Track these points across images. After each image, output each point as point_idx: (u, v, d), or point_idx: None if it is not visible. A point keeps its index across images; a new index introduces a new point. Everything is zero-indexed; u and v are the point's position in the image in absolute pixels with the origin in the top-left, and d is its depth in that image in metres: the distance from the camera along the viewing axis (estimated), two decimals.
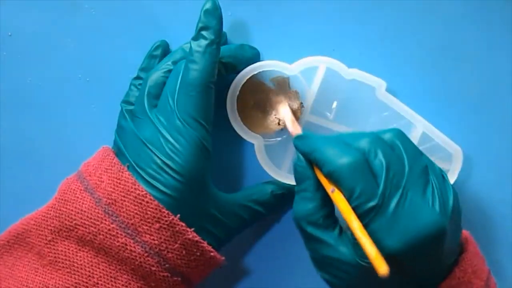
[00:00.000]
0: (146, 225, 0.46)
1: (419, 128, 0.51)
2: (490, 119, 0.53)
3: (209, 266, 0.48)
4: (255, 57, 0.53)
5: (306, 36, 0.54)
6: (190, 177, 0.47)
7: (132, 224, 0.46)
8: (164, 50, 0.54)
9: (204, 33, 0.49)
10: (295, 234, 0.47)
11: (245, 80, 0.51)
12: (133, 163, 0.48)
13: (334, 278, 0.44)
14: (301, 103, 0.52)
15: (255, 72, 0.51)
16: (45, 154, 0.56)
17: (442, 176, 0.44)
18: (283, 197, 0.52)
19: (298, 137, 0.47)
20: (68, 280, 0.47)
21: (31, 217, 0.49)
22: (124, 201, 0.46)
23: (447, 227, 0.41)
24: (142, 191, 0.46)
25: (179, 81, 0.48)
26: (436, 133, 0.51)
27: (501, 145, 0.53)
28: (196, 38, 0.49)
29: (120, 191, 0.47)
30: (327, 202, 0.44)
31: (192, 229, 0.47)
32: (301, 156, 0.46)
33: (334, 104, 0.53)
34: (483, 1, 0.53)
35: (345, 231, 0.44)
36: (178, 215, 0.46)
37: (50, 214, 0.48)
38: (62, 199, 0.48)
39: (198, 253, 0.47)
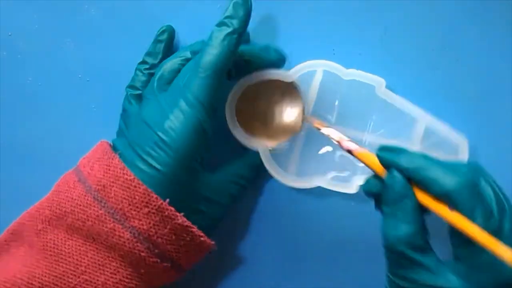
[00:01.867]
0: (135, 210, 0.46)
1: (422, 123, 0.51)
2: (492, 110, 0.53)
3: (199, 251, 0.48)
4: (280, 62, 0.52)
5: (305, 38, 0.54)
6: (183, 155, 0.46)
7: (120, 209, 0.46)
8: (170, 35, 0.54)
9: (227, 21, 0.48)
10: (288, 224, 0.47)
11: (242, 89, 0.51)
12: (130, 140, 0.48)
13: None
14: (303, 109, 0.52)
15: (252, 82, 0.51)
16: (45, 154, 0.56)
17: None
18: (261, 167, 0.53)
19: (385, 149, 0.43)
20: (55, 268, 0.46)
21: (27, 211, 0.50)
22: (113, 186, 0.46)
23: None
24: (130, 176, 0.46)
25: (192, 63, 0.48)
26: (440, 126, 0.51)
27: (507, 136, 0.53)
28: (219, 24, 0.48)
29: (109, 177, 0.46)
30: (425, 225, 0.42)
31: (182, 213, 0.46)
32: (397, 173, 0.42)
33: (335, 107, 0.53)
34: (483, 1, 0.53)
35: (454, 258, 0.42)
36: (167, 200, 0.46)
37: (43, 205, 0.48)
38: (55, 190, 0.49)
39: (188, 238, 0.47)
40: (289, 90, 0.52)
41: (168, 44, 0.54)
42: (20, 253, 0.49)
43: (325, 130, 0.49)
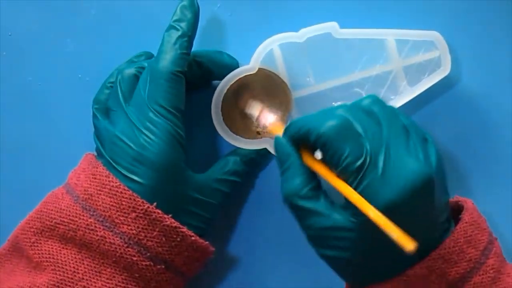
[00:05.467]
0: (123, 216, 0.46)
1: (390, 38, 0.51)
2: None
3: (193, 250, 0.48)
4: (233, 66, 0.53)
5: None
6: (165, 165, 0.47)
7: (109, 216, 0.46)
8: (147, 58, 0.54)
9: (176, 24, 0.49)
10: (287, 223, 0.48)
11: (223, 95, 0.51)
12: (109, 159, 0.48)
13: (335, 250, 0.44)
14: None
15: (227, 87, 0.51)
16: (45, 154, 0.56)
17: (425, 138, 0.45)
18: (254, 161, 0.53)
19: (285, 129, 0.47)
20: (53, 277, 0.47)
21: (20, 223, 0.50)
22: (100, 194, 0.47)
23: (433, 176, 0.42)
24: (116, 183, 0.47)
25: (149, 71, 0.49)
26: (407, 32, 0.51)
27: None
28: (168, 29, 0.50)
29: (96, 185, 0.47)
30: (313, 175, 0.45)
31: (170, 215, 0.47)
32: (279, 138, 0.46)
33: (308, 69, 0.52)
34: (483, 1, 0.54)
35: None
36: (155, 203, 0.47)
37: (33, 217, 0.49)
38: (44, 202, 0.49)
39: (179, 239, 0.47)
40: (267, 83, 0.52)
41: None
42: (22, 265, 0.49)
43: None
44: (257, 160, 0.53)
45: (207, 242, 0.49)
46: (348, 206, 0.43)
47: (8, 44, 0.56)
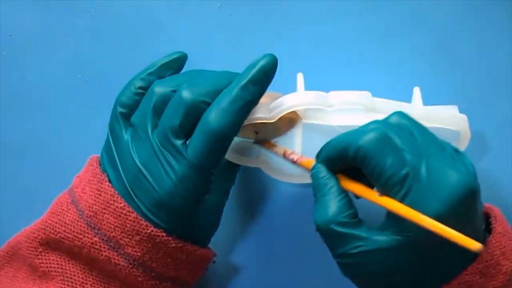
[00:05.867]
0: (127, 238, 0.46)
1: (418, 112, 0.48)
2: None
3: (197, 262, 0.48)
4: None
5: (305, 37, 0.54)
6: (187, 215, 0.46)
7: (113, 237, 0.46)
8: (182, 64, 0.50)
9: (253, 85, 0.45)
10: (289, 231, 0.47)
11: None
12: (127, 182, 0.46)
13: (372, 275, 0.43)
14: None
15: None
16: (45, 154, 0.56)
17: (453, 148, 0.44)
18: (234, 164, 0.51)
19: (317, 154, 0.46)
20: (62, 287, 0.47)
21: (24, 229, 0.49)
22: (104, 213, 0.46)
23: (476, 187, 0.42)
24: (120, 203, 0.45)
25: (202, 124, 0.45)
26: (434, 116, 0.49)
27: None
28: (245, 85, 0.45)
29: (101, 203, 0.46)
30: (351, 202, 0.44)
31: (174, 235, 0.46)
32: (318, 165, 0.45)
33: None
34: (482, 1, 0.54)
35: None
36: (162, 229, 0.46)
37: (38, 226, 0.48)
38: (49, 212, 0.48)
39: (184, 257, 0.47)
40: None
41: (176, 72, 0.50)
42: (24, 271, 0.49)
43: (271, 149, 0.49)
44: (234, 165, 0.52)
45: (210, 250, 0.49)
46: (388, 226, 0.42)
47: (8, 44, 0.56)
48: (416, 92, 0.50)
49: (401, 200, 0.41)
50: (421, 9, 0.54)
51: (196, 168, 0.45)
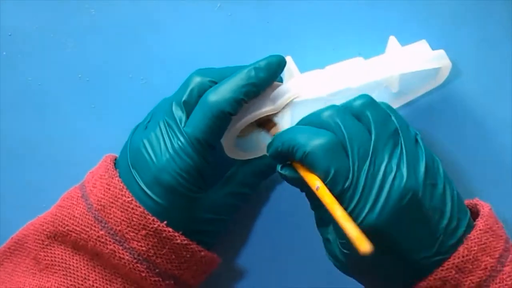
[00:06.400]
0: (133, 232, 0.46)
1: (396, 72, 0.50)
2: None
3: (201, 264, 0.48)
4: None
5: (306, 36, 0.54)
6: (182, 192, 0.46)
7: (119, 230, 0.46)
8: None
9: (256, 70, 0.47)
10: (292, 232, 0.47)
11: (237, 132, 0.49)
12: (130, 165, 0.47)
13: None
14: None
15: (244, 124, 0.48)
16: (45, 154, 0.56)
17: (415, 139, 0.44)
18: (264, 173, 0.52)
19: (268, 145, 0.46)
20: (63, 282, 0.47)
21: (31, 223, 0.50)
22: (112, 207, 0.46)
23: (418, 189, 0.42)
24: (128, 197, 0.46)
25: (204, 98, 0.47)
26: (414, 64, 0.49)
27: None
28: (246, 68, 0.47)
29: (109, 197, 0.47)
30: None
31: (180, 232, 0.46)
32: (283, 169, 0.45)
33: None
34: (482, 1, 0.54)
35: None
36: (165, 222, 0.46)
37: (47, 219, 0.48)
38: (60, 205, 0.49)
39: (188, 255, 0.47)
40: None
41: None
42: (25, 265, 0.49)
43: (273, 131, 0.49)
44: (267, 172, 0.52)
45: (215, 255, 0.49)
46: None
47: (8, 44, 0.56)
48: (392, 40, 0.50)
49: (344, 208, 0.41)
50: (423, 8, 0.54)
51: (191, 141, 0.46)
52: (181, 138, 0.46)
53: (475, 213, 0.46)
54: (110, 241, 0.46)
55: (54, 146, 0.56)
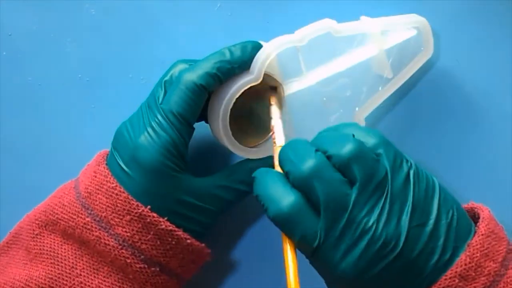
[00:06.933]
0: (118, 218, 0.46)
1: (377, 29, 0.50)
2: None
3: (188, 253, 0.48)
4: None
5: None
6: (158, 169, 0.47)
7: (105, 217, 0.47)
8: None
9: (232, 50, 0.49)
10: None
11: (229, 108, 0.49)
12: (113, 146, 0.49)
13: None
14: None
15: (234, 97, 0.49)
16: (45, 154, 0.56)
17: (407, 176, 0.43)
18: None
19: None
20: (51, 271, 0.47)
21: (27, 215, 0.50)
22: (98, 194, 0.47)
23: (399, 239, 0.41)
24: (113, 183, 0.47)
25: (179, 75, 0.48)
26: (395, 19, 0.50)
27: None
28: (223, 49, 0.48)
29: (95, 184, 0.47)
30: None
31: (165, 218, 0.47)
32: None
33: (302, 67, 0.51)
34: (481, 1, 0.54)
35: None
36: (149, 206, 0.46)
37: (40, 209, 0.49)
38: (53, 196, 0.50)
39: (174, 242, 0.47)
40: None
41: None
42: (18, 256, 0.49)
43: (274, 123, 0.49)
44: None
45: (203, 245, 0.49)
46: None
47: (8, 44, 0.56)
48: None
49: (311, 255, 0.43)
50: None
51: (166, 115, 0.47)
52: (157, 114, 0.47)
53: (473, 217, 0.45)
54: (95, 227, 0.46)
55: (54, 145, 0.56)
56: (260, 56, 0.48)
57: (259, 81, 0.48)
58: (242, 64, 0.48)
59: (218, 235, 0.54)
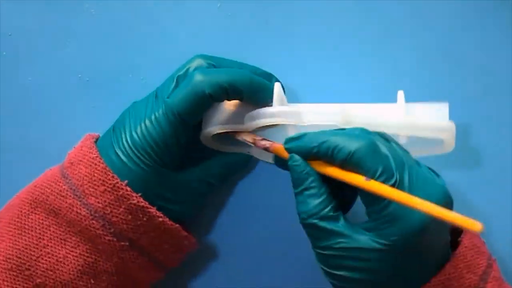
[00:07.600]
0: (93, 188, 0.47)
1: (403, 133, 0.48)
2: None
3: (160, 232, 0.48)
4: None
5: (305, 37, 0.54)
6: (147, 166, 0.48)
7: (81, 185, 0.47)
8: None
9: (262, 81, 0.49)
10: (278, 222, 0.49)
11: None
12: (112, 129, 0.50)
13: (353, 272, 0.43)
14: None
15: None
16: (45, 154, 0.56)
17: (427, 167, 0.46)
18: (233, 168, 0.53)
19: (289, 140, 0.46)
20: (18, 241, 0.47)
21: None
22: (80, 164, 0.48)
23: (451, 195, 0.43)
24: (94, 154, 0.48)
25: (190, 75, 0.48)
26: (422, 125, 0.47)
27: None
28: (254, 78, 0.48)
29: (79, 155, 0.48)
30: (331, 195, 0.45)
31: (139, 194, 0.47)
32: (295, 156, 0.45)
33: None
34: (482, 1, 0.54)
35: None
36: (126, 181, 0.47)
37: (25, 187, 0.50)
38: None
39: (145, 218, 0.47)
40: None
41: None
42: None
43: (239, 137, 0.49)
44: (236, 168, 0.53)
45: (178, 226, 0.49)
46: (372, 228, 0.43)
47: (8, 44, 0.56)
48: (400, 96, 0.48)
49: (387, 205, 0.42)
50: (422, 10, 0.54)
51: (166, 111, 0.47)
52: (160, 108, 0.48)
53: (455, 230, 0.46)
54: (70, 195, 0.47)
55: (54, 146, 0.56)
56: (259, 118, 0.48)
57: (248, 130, 0.49)
58: (253, 96, 0.48)
59: (207, 228, 0.54)
